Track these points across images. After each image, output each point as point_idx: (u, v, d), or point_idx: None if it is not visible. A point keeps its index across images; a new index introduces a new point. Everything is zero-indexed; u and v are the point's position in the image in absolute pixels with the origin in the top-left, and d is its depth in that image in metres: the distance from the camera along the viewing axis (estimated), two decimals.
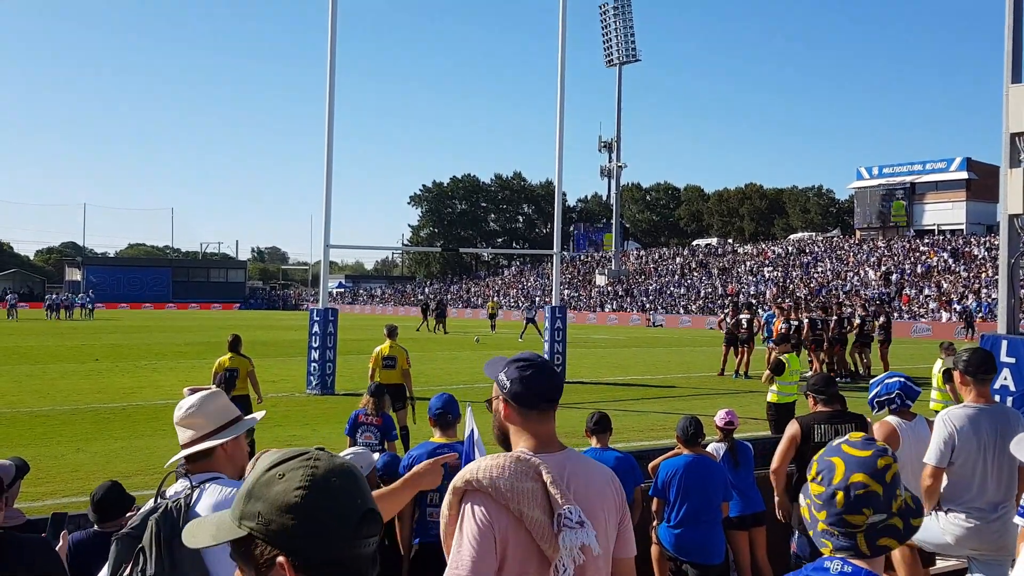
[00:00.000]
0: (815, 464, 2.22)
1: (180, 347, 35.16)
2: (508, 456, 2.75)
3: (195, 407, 3.23)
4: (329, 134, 22.66)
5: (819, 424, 6.23)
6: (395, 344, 14.17)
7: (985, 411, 5.59)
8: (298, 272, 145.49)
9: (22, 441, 14.11)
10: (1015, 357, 9.91)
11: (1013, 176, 12.02)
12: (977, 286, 54.01)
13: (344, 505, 1.58)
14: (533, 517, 2.62)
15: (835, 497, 2.13)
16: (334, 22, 22.58)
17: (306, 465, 1.60)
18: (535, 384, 2.81)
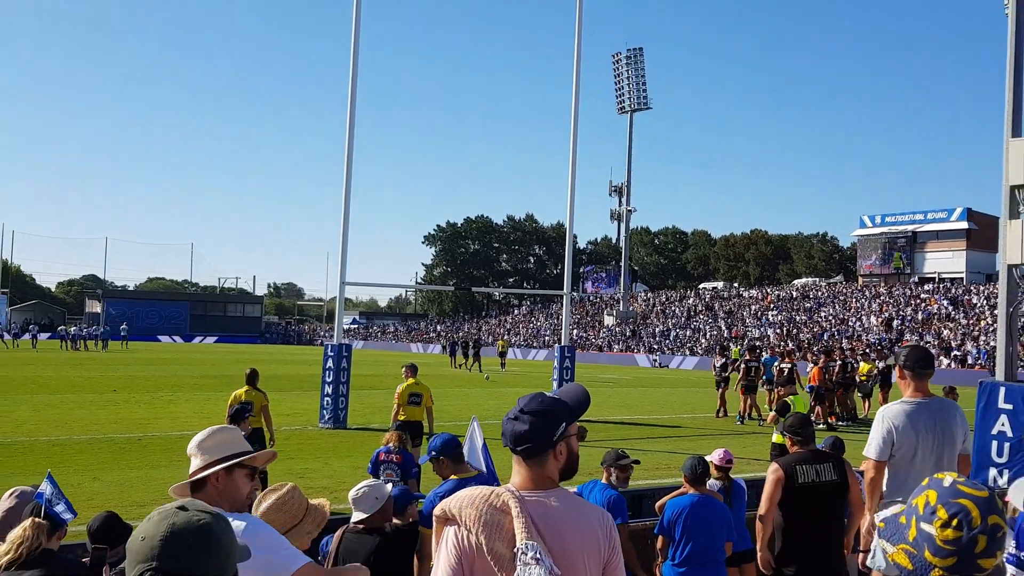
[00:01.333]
0: (941, 508, 2.02)
1: (197, 380, 35.17)
2: (486, 490, 2.82)
3: (198, 439, 3.20)
4: (347, 175, 22.81)
5: (801, 464, 6.19)
6: (420, 382, 14.16)
7: (923, 405, 5.69)
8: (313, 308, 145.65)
9: (39, 469, 14.08)
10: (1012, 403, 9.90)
11: (1012, 227, 12.05)
12: (976, 333, 53.80)
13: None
14: (494, 549, 2.69)
15: (976, 542, 1.97)
16: (355, 71, 22.81)
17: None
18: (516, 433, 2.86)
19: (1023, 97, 12.67)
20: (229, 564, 1.77)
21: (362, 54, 23.04)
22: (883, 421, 5.72)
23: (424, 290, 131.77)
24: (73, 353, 58.37)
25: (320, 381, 22.14)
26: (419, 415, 13.74)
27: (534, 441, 2.84)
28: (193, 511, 1.76)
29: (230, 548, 1.78)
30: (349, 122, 22.79)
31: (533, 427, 2.85)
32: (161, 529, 1.70)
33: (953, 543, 1.98)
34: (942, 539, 1.99)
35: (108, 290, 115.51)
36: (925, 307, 62.71)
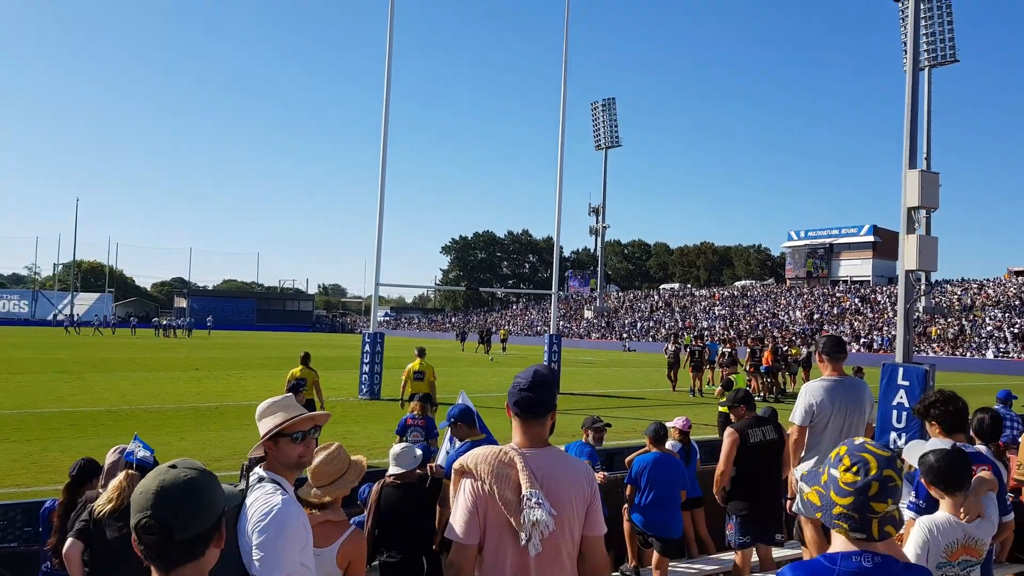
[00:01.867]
0: (846, 458, 2.07)
1: (262, 360, 35.13)
2: (495, 448, 2.83)
3: (257, 413, 3.00)
4: (381, 198, 22.84)
5: (751, 428, 6.21)
6: (424, 362, 14.14)
7: (838, 383, 5.72)
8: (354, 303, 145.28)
9: (139, 430, 13.99)
10: (908, 381, 9.88)
11: (909, 240, 12.05)
12: (880, 325, 53.72)
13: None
14: (504, 496, 2.70)
15: (869, 486, 2.01)
16: (386, 120, 22.83)
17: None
18: (524, 400, 2.86)
19: (917, 137, 12.67)
20: (213, 510, 1.76)
21: (394, 108, 23.05)
22: (805, 395, 5.75)
23: (442, 289, 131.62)
24: (164, 340, 58.29)
25: (359, 362, 22.13)
26: (423, 388, 13.73)
27: (544, 407, 2.87)
28: (182, 468, 1.76)
29: (212, 497, 1.76)
30: (382, 158, 22.80)
31: (542, 396, 2.88)
32: (154, 484, 1.71)
33: (851, 485, 2.03)
34: (843, 481, 2.05)
35: (192, 289, 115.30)
36: (840, 304, 62.60)
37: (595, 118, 79.74)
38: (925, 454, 3.39)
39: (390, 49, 23.12)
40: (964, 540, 3.23)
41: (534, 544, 2.65)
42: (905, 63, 12.91)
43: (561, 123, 26.32)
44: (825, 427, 5.63)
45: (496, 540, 2.71)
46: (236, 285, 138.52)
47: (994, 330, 48.09)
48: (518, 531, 2.66)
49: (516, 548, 2.69)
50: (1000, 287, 57.02)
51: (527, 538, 2.65)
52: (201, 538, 1.74)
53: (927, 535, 3.18)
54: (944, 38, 52.36)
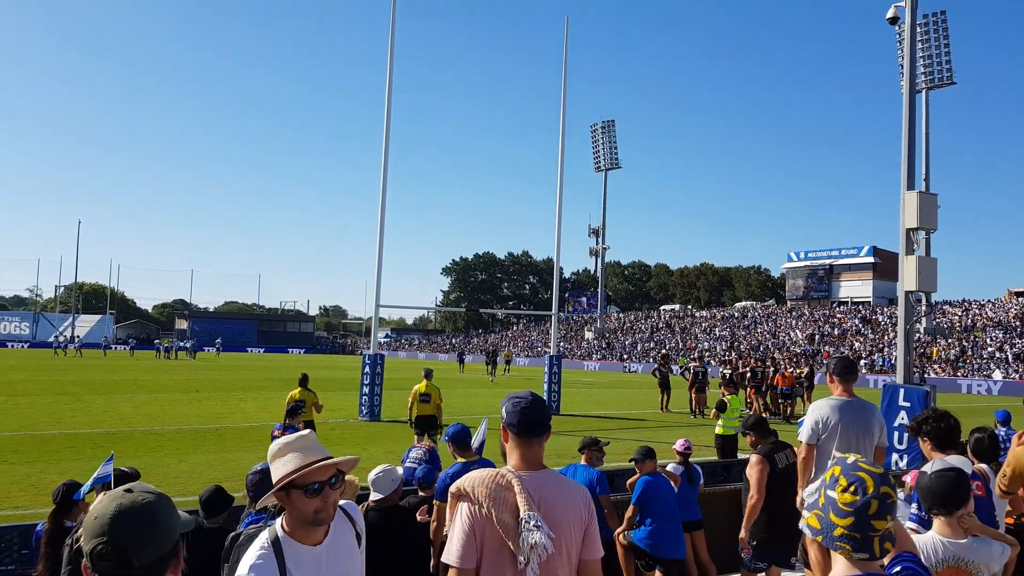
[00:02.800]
0: (843, 479, 2.06)
1: (262, 382, 35.05)
2: (492, 471, 2.80)
3: (270, 453, 2.58)
4: (381, 222, 22.89)
5: (776, 452, 6.11)
6: (431, 384, 14.11)
7: (847, 403, 5.66)
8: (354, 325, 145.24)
9: (137, 452, 14.06)
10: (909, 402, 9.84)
11: (908, 261, 12.07)
12: (881, 346, 53.63)
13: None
14: (502, 519, 2.67)
15: (869, 505, 2.00)
16: (387, 144, 22.95)
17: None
18: (523, 419, 2.84)
19: (915, 159, 12.72)
20: (171, 535, 1.71)
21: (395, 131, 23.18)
22: (813, 413, 5.69)
23: (442, 311, 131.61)
24: (165, 361, 58.21)
25: (359, 383, 22.07)
26: (429, 411, 13.74)
27: (543, 425, 2.87)
28: (138, 492, 1.71)
29: (169, 522, 1.71)
30: (383, 180, 22.88)
31: (543, 414, 2.88)
32: (110, 509, 1.66)
33: (851, 505, 2.02)
34: (842, 502, 2.04)
35: (193, 311, 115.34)
36: (840, 325, 62.54)
37: (595, 140, 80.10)
38: (923, 473, 3.37)
39: (391, 70, 23.30)
40: (953, 561, 3.19)
41: (532, 568, 2.63)
42: (903, 85, 12.99)
43: (560, 145, 26.50)
44: (833, 447, 5.54)
45: (493, 564, 2.68)
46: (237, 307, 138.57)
47: (995, 351, 47.99)
48: (516, 554, 2.63)
49: (514, 572, 2.66)
50: (1001, 308, 56.98)
51: (525, 561, 2.62)
52: (158, 564, 1.68)
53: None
54: (941, 60, 52.74)
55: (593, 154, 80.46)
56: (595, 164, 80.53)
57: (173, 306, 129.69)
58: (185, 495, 10.57)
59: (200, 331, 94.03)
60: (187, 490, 10.90)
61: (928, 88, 52.55)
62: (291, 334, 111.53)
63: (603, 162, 79.50)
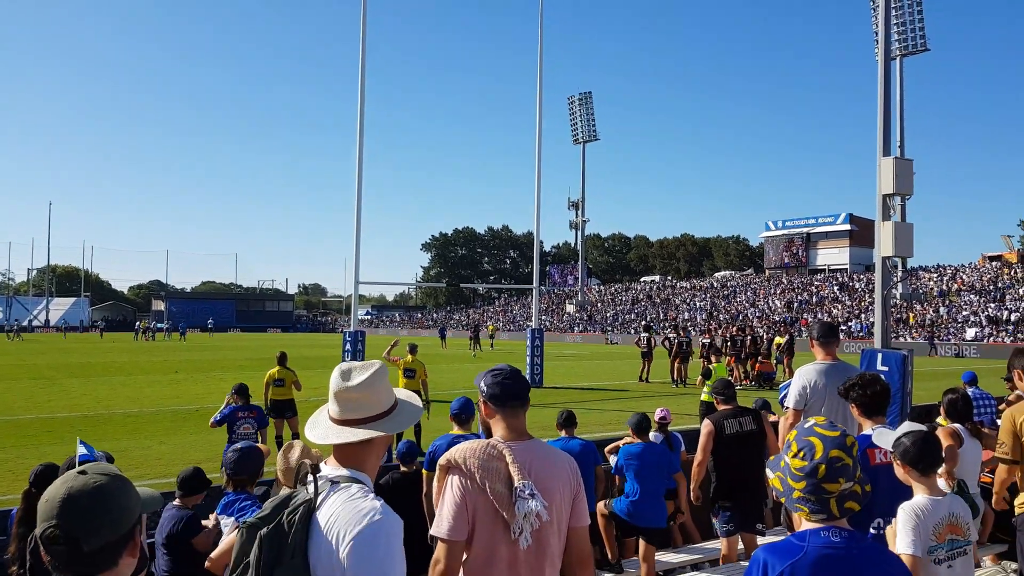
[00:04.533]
0: (794, 444, 2.15)
1: (241, 361, 34.88)
2: (482, 442, 2.79)
3: (373, 378, 2.18)
4: (358, 196, 22.73)
5: (727, 419, 6.20)
6: (416, 359, 14.09)
7: (831, 366, 5.74)
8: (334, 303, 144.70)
9: (116, 435, 13.98)
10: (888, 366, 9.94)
11: (885, 227, 12.14)
12: (859, 312, 54.24)
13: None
14: (495, 489, 2.67)
15: (817, 469, 2.08)
16: (361, 126, 22.72)
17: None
18: (505, 388, 2.85)
19: (891, 125, 12.76)
20: (126, 518, 1.65)
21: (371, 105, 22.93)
22: (800, 378, 5.74)
23: (422, 287, 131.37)
24: (144, 343, 57.71)
25: (340, 360, 22.03)
26: (415, 386, 13.70)
27: (525, 393, 2.90)
28: (92, 474, 1.64)
29: (124, 504, 1.65)
30: (359, 156, 22.70)
31: (523, 383, 2.90)
32: (61, 492, 1.61)
33: (801, 470, 2.12)
34: (794, 467, 2.14)
35: (169, 292, 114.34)
36: (818, 292, 63.14)
37: (572, 112, 79.83)
38: (899, 437, 3.42)
39: (363, 47, 23.01)
40: (948, 518, 3.26)
41: (525, 537, 2.64)
42: (877, 53, 13.01)
43: (538, 118, 26.32)
44: (819, 410, 5.60)
45: (486, 535, 2.68)
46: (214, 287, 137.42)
47: (970, 315, 48.69)
48: (510, 524, 2.64)
49: (507, 542, 2.67)
50: (975, 272, 57.73)
51: (519, 530, 2.63)
52: (112, 547, 1.62)
53: (915, 519, 3.21)
54: (915, 27, 52.91)
55: (571, 126, 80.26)
56: (573, 136, 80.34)
57: (149, 287, 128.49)
58: (166, 476, 10.54)
59: (177, 312, 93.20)
60: (168, 471, 10.86)
61: (902, 55, 52.70)
62: (270, 313, 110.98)
63: (581, 134, 79.30)
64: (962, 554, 3.27)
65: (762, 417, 6.40)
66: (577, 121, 79.38)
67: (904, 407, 9.67)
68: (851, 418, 5.46)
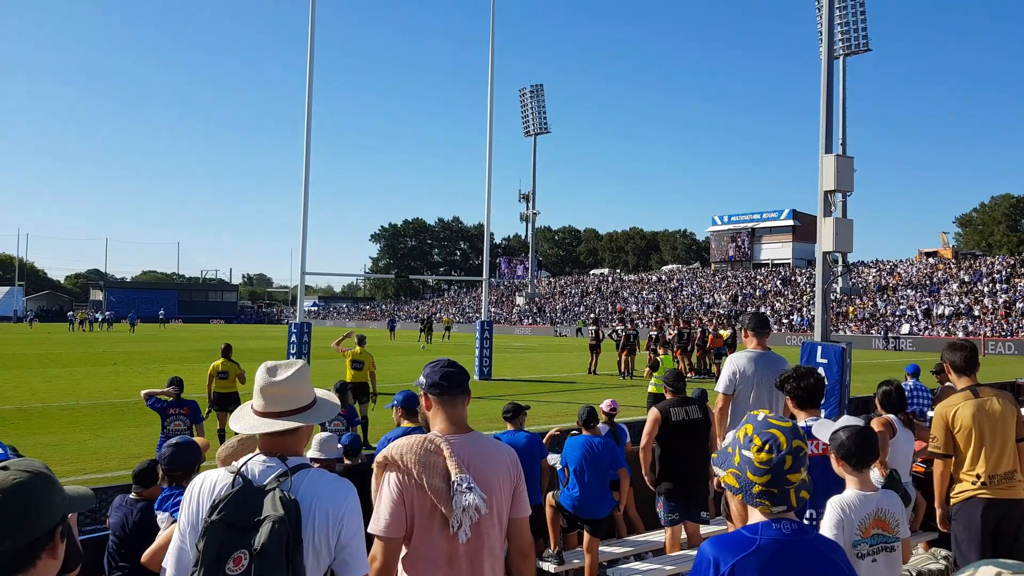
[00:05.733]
0: (756, 438, 2.10)
1: (183, 353, 34.16)
2: (419, 437, 2.78)
3: (297, 376, 2.46)
4: (305, 183, 22.37)
5: (673, 408, 6.38)
6: (364, 351, 13.96)
7: (761, 355, 5.93)
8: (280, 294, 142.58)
9: (51, 429, 13.57)
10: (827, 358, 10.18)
11: (827, 223, 12.42)
12: (800, 306, 55.46)
13: None
14: (433, 484, 2.65)
15: (784, 461, 2.06)
16: (310, 102, 22.39)
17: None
18: (443, 378, 2.84)
19: (833, 123, 13.05)
20: (44, 518, 1.57)
21: (320, 91, 22.60)
22: (730, 364, 5.93)
23: (371, 278, 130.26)
24: (81, 334, 56.08)
25: (286, 353, 21.72)
26: (363, 377, 13.59)
27: (465, 382, 2.88)
28: (13, 471, 1.56)
29: (43, 503, 1.57)
30: (306, 144, 22.35)
31: (462, 374, 2.89)
32: None
33: (766, 463, 2.08)
34: (758, 461, 2.09)
35: (109, 281, 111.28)
36: (762, 286, 64.37)
37: (523, 104, 79.83)
38: (836, 431, 3.49)
39: (312, 34, 22.63)
40: (876, 513, 3.33)
41: (464, 530, 2.62)
42: (821, 51, 13.28)
43: (489, 109, 26.24)
44: (749, 396, 5.79)
45: (424, 530, 2.66)
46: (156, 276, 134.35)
47: (906, 309, 50.16)
48: (448, 518, 2.62)
49: (445, 536, 2.66)
50: (912, 267, 59.48)
51: (458, 524, 2.62)
52: (29, 548, 1.55)
53: (840, 513, 3.27)
54: (857, 27, 54.16)
55: (522, 118, 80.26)
56: (524, 129, 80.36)
57: (87, 276, 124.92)
58: (102, 471, 10.27)
59: (117, 302, 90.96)
60: (104, 466, 10.58)
61: (845, 54, 53.94)
62: (213, 303, 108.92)
63: (532, 127, 79.38)
64: (888, 550, 3.32)
65: (707, 408, 6.52)
66: (528, 113, 79.42)
67: (842, 399, 9.92)
68: (778, 404, 5.62)
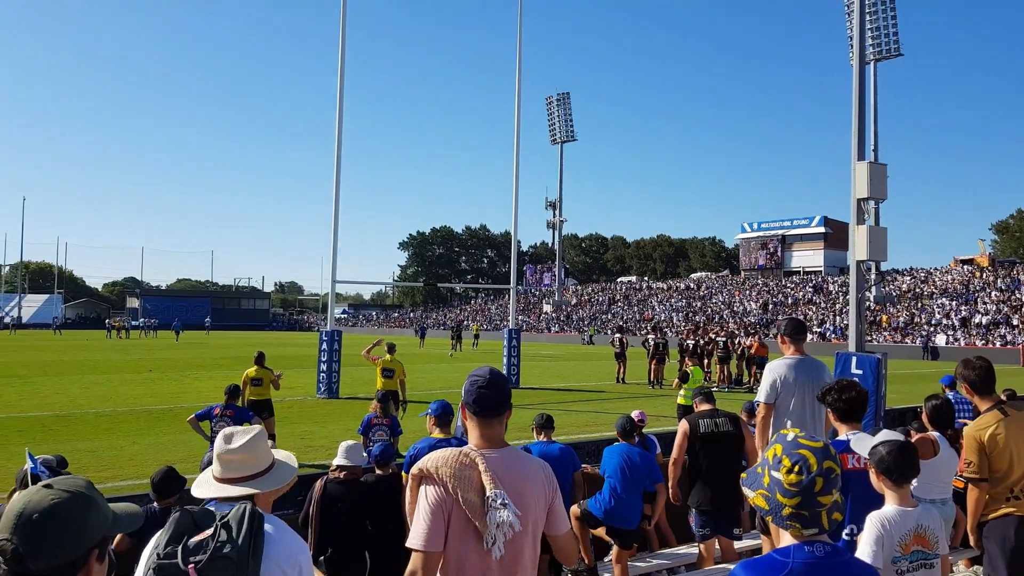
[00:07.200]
0: (786, 459, 2.05)
1: (217, 360, 34.53)
2: (455, 451, 2.75)
3: (251, 442, 2.56)
4: (336, 194, 22.58)
5: (702, 419, 6.31)
6: (394, 359, 13.99)
7: (800, 361, 5.80)
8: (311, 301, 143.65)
9: (89, 435, 13.76)
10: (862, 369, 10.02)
11: (859, 231, 12.25)
12: (832, 314, 54.75)
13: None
14: (468, 499, 2.63)
15: (815, 482, 2.01)
16: (340, 127, 22.58)
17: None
18: (483, 398, 2.80)
19: (865, 132, 12.89)
20: (80, 540, 1.57)
21: (349, 104, 22.81)
22: (770, 372, 5.79)
23: (399, 286, 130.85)
24: (118, 341, 56.94)
25: (316, 360, 21.86)
26: (392, 385, 13.61)
27: (502, 404, 2.82)
28: (55, 490, 1.58)
29: (83, 527, 1.58)
30: (337, 155, 22.56)
31: (501, 393, 2.83)
32: (17, 506, 1.56)
33: (796, 485, 2.02)
34: (788, 483, 2.03)
35: (145, 289, 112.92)
36: (793, 294, 63.65)
37: (550, 112, 79.85)
38: (876, 446, 3.43)
39: (343, 47, 22.84)
40: (916, 529, 3.27)
41: (498, 547, 2.60)
42: (852, 57, 13.14)
43: (516, 118, 26.31)
44: (790, 405, 5.66)
45: (459, 545, 2.64)
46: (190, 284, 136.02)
47: (942, 318, 49.31)
48: (482, 534, 2.60)
49: (479, 552, 2.63)
50: (947, 275, 58.49)
51: (492, 541, 2.59)
52: (60, 570, 1.55)
53: (880, 529, 3.21)
54: (888, 32, 53.54)
55: (549, 127, 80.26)
56: (551, 136, 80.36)
57: (124, 284, 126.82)
58: (140, 477, 10.39)
59: (152, 309, 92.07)
60: (141, 472, 10.71)
61: (876, 60, 53.29)
62: (246, 311, 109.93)
63: (559, 134, 79.34)
64: (927, 566, 3.26)
65: (740, 420, 6.44)
66: (555, 121, 79.42)
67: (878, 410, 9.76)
68: (819, 411, 5.51)
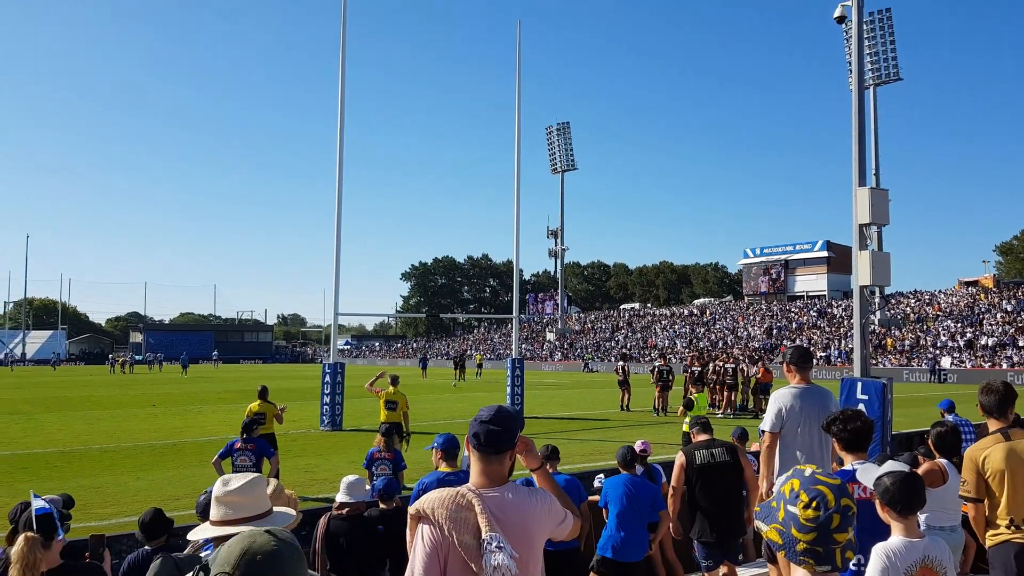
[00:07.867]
0: (803, 494, 2.03)
1: (220, 394, 34.47)
2: (452, 491, 2.72)
3: (250, 484, 2.71)
4: (338, 227, 22.71)
5: (698, 450, 6.26)
6: (397, 391, 13.98)
7: (806, 390, 5.79)
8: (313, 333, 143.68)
9: (93, 471, 13.72)
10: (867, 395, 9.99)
11: (862, 256, 12.28)
12: (836, 338, 54.60)
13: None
14: (463, 541, 2.60)
15: (831, 519, 1.98)
16: (341, 157, 22.77)
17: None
18: (484, 434, 2.78)
19: (866, 157, 12.96)
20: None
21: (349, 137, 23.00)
22: (775, 402, 5.77)
23: (402, 316, 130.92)
24: (121, 376, 56.89)
25: (320, 392, 21.82)
26: (396, 417, 13.59)
27: (505, 442, 2.79)
28: (273, 536, 1.66)
29: (295, 574, 1.66)
30: (338, 186, 22.71)
31: (504, 431, 2.80)
32: (242, 545, 1.62)
33: (813, 521, 2.00)
34: (804, 518, 2.01)
35: (148, 323, 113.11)
36: (797, 318, 63.55)
37: (550, 142, 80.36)
38: (881, 477, 3.41)
39: (342, 81, 23.10)
40: (923, 561, 3.24)
41: None
42: (851, 82, 13.24)
43: (516, 148, 26.53)
44: (796, 434, 5.63)
45: None
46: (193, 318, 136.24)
47: (948, 340, 49.18)
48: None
49: None
50: (952, 297, 58.43)
51: None
52: None
53: (885, 561, 3.19)
54: (887, 57, 54.01)
55: (549, 156, 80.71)
56: (551, 166, 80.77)
57: (127, 319, 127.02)
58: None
59: (155, 343, 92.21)
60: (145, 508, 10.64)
61: (876, 84, 53.73)
62: (249, 344, 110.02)
63: (559, 164, 79.77)
64: None
65: (738, 450, 6.41)
66: (555, 151, 79.89)
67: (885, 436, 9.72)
68: (826, 441, 5.49)
